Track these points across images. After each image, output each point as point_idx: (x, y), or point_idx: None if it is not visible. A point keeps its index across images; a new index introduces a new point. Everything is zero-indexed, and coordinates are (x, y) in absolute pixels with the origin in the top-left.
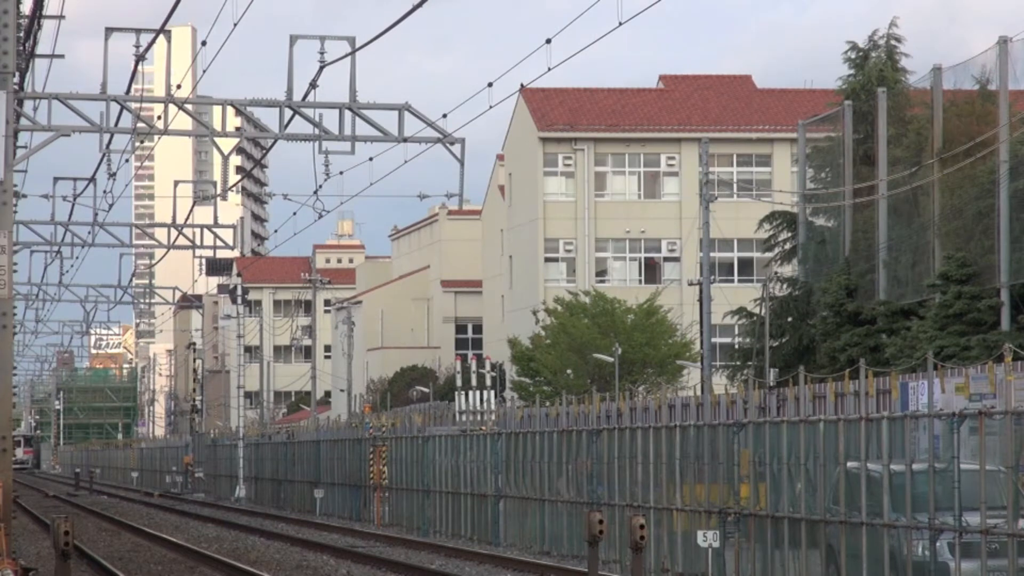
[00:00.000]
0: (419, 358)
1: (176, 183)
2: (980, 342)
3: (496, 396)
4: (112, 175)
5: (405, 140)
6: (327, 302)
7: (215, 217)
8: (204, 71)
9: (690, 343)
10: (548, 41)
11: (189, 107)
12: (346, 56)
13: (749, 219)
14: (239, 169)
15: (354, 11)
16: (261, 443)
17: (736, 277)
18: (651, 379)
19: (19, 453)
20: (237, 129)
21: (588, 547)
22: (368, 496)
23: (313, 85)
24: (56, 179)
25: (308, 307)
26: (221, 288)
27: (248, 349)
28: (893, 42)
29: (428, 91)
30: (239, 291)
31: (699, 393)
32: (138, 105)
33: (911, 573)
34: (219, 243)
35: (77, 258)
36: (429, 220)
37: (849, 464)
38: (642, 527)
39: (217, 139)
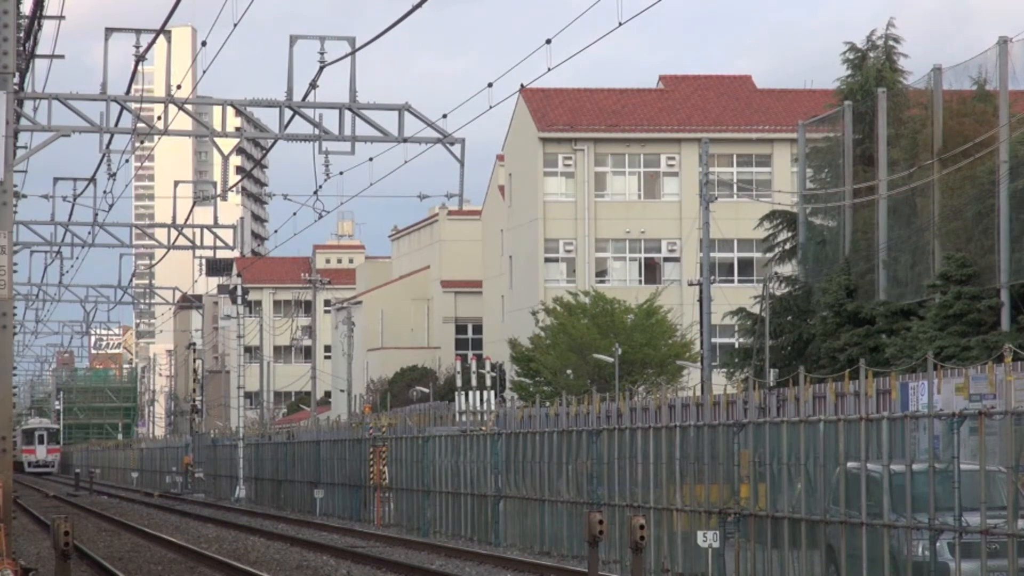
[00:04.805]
0: (419, 358)
1: (176, 183)
2: (980, 342)
3: (496, 396)
4: (112, 175)
5: (405, 140)
6: (327, 302)
7: (215, 217)
8: (204, 71)
9: (690, 343)
10: (548, 41)
11: (189, 107)
12: (346, 56)
13: (749, 219)
14: (239, 169)
15: (371, 10)
16: (261, 443)
17: (736, 277)
18: (651, 379)
19: (41, 452)
20: (237, 129)
21: (588, 547)
22: (368, 496)
23: (313, 85)
24: (56, 179)
25: (308, 307)
26: (221, 288)
27: (248, 349)
28: (891, 43)
29: (437, 93)
30: (239, 291)
31: (699, 393)
32: (138, 105)
33: (911, 573)
34: (219, 243)
35: (77, 258)
36: (429, 220)
37: (849, 464)
38: (642, 527)
39: (217, 139)
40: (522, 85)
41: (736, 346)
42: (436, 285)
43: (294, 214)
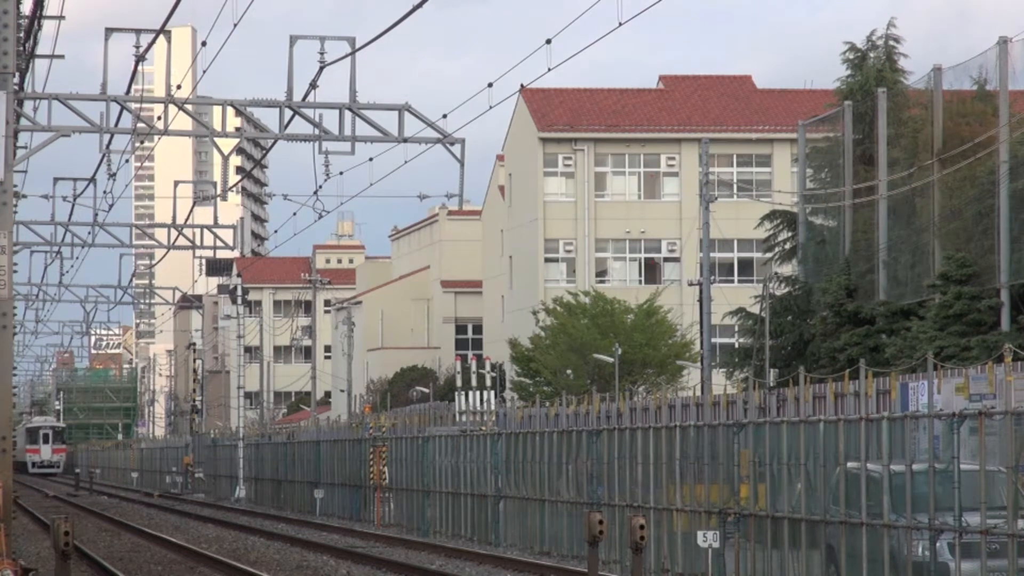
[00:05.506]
0: (419, 358)
1: (176, 183)
2: (980, 342)
3: (496, 396)
4: (112, 175)
5: (405, 140)
6: (327, 302)
7: (215, 217)
8: (204, 71)
9: (690, 343)
10: (548, 41)
11: (189, 107)
12: (346, 56)
13: (749, 219)
14: (239, 169)
15: (371, 11)
16: (261, 443)
17: (736, 277)
18: (651, 379)
19: (45, 452)
20: (237, 129)
21: (588, 547)
22: (368, 496)
23: (313, 85)
24: (56, 179)
25: (308, 307)
26: (221, 288)
27: (248, 349)
28: (892, 43)
29: (437, 93)
30: (239, 291)
31: (699, 393)
32: (138, 105)
33: (911, 573)
34: (219, 243)
35: (77, 258)
36: (429, 220)
37: (849, 464)
38: (642, 527)
39: (217, 139)
40: (522, 85)
41: (736, 346)
42: (436, 285)
43: (294, 214)
